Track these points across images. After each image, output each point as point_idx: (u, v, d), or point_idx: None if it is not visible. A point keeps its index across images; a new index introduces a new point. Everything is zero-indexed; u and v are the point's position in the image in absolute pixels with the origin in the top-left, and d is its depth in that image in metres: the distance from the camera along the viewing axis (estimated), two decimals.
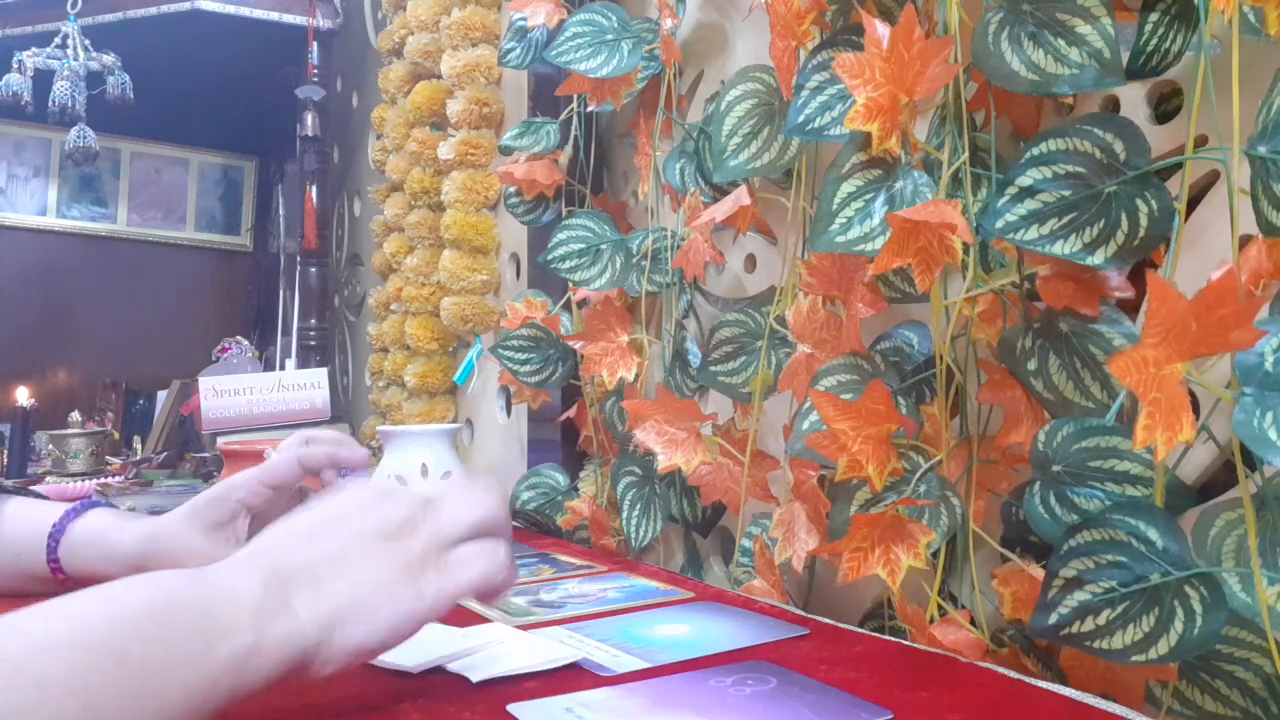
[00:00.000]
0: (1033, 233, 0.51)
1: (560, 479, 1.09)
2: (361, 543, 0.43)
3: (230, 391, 1.32)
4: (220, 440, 1.10)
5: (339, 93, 2.25)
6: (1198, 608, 0.42)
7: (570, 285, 1.01)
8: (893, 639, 0.57)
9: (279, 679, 0.40)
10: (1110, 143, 0.49)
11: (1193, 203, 0.52)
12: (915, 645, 0.55)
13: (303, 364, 2.14)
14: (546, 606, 0.66)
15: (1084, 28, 0.50)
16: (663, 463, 0.76)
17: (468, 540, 0.47)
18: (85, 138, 2.15)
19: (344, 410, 2.10)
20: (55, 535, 0.67)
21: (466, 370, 1.40)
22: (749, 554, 0.77)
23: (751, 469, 0.77)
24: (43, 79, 2.10)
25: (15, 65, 2.10)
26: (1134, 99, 0.58)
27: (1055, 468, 0.51)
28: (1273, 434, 0.38)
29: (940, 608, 0.57)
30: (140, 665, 0.34)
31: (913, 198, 0.55)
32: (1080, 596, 0.45)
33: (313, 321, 2.22)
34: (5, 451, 2.49)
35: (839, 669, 0.51)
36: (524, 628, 0.60)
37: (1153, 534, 0.44)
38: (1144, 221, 0.48)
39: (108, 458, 1.99)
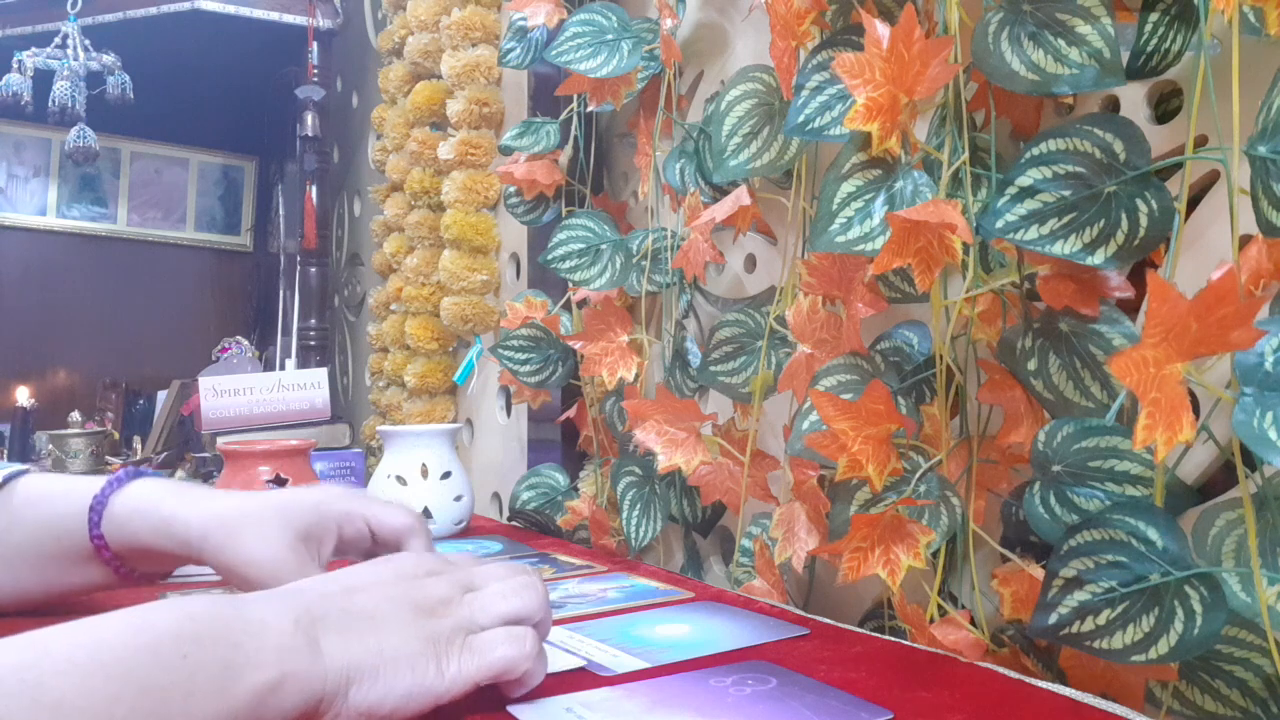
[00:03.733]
0: (1033, 233, 0.51)
1: (560, 479, 1.09)
2: (397, 610, 0.43)
3: (230, 391, 1.32)
4: (220, 440, 1.10)
5: (339, 93, 2.25)
6: (1198, 608, 0.42)
7: (570, 285, 1.01)
8: (893, 639, 0.57)
9: None
10: (1110, 143, 0.49)
11: (1193, 203, 0.52)
12: (915, 645, 0.55)
13: (303, 364, 2.14)
14: None
15: (1084, 28, 0.50)
16: (663, 463, 0.76)
17: (499, 626, 0.46)
18: (85, 138, 2.15)
19: (344, 410, 2.10)
20: (97, 507, 0.58)
21: (466, 370, 1.40)
22: (749, 554, 0.77)
23: (751, 469, 0.77)
24: (43, 79, 2.10)
25: (15, 65, 2.10)
26: (1134, 99, 0.58)
27: (1055, 468, 0.51)
28: (1273, 434, 0.38)
29: (940, 608, 0.57)
30: (163, 696, 0.34)
31: (913, 198, 0.55)
32: (1080, 596, 0.45)
33: (313, 321, 2.22)
34: (5, 451, 2.49)
35: (839, 669, 0.51)
36: None
37: (1153, 534, 0.44)
38: (1144, 221, 0.48)
39: (108, 458, 1.99)
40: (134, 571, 0.61)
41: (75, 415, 2.37)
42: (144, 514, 0.58)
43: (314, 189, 2.19)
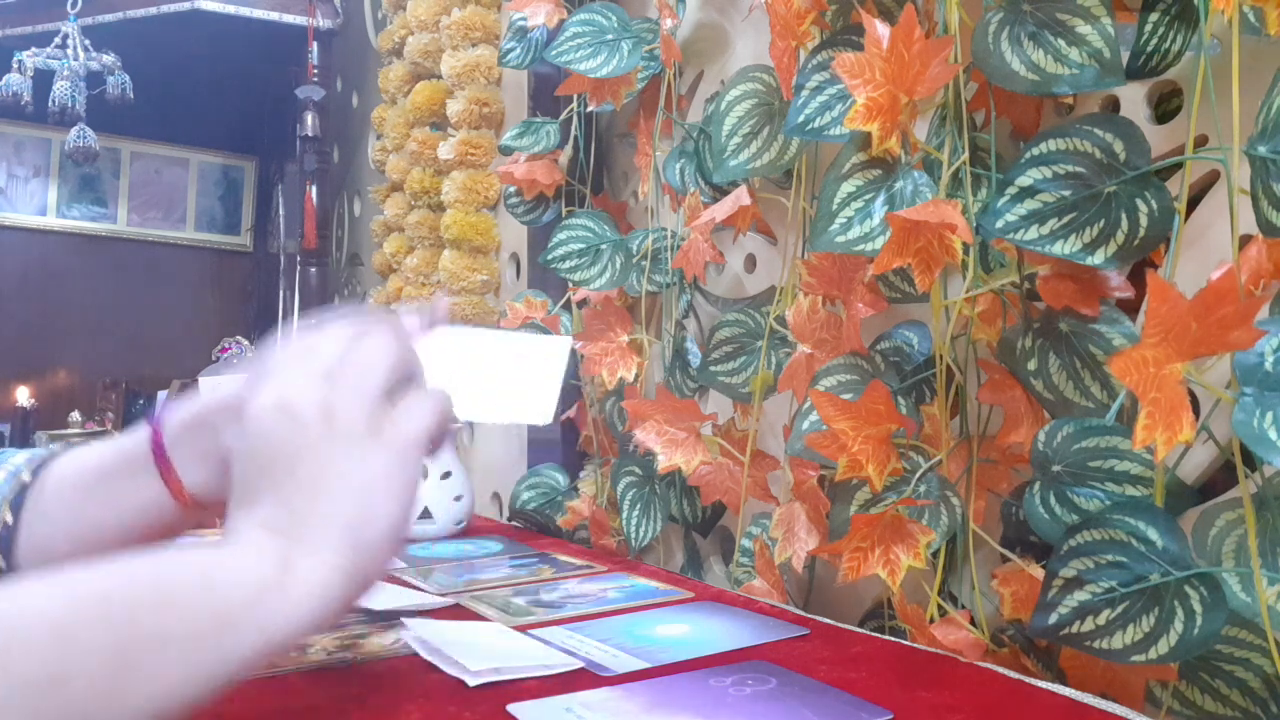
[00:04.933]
0: (1033, 233, 0.51)
1: (560, 479, 1.08)
2: (349, 460, 0.39)
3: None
4: None
5: (339, 93, 2.25)
6: (1198, 608, 0.42)
7: (570, 285, 1.01)
8: (893, 639, 0.57)
9: (335, 614, 0.37)
10: (1110, 143, 0.49)
11: (1193, 203, 0.52)
12: (915, 645, 0.55)
13: None
14: (546, 606, 0.66)
15: (1084, 28, 0.50)
16: (663, 463, 0.76)
17: (395, 387, 0.42)
18: (85, 138, 2.15)
19: None
20: (161, 413, 0.58)
21: None
22: (749, 554, 0.77)
23: (751, 469, 0.77)
24: (43, 79, 2.11)
25: (15, 65, 2.10)
26: (1134, 99, 0.58)
27: (1055, 468, 0.51)
28: (1273, 434, 0.38)
29: (940, 608, 0.57)
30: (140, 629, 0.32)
31: (913, 198, 0.55)
32: (1080, 596, 0.45)
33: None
34: None
35: (839, 669, 0.51)
36: (524, 628, 0.60)
37: (1153, 534, 0.44)
38: (1144, 221, 0.48)
39: None
40: (184, 488, 0.57)
41: (75, 415, 2.38)
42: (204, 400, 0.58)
43: (314, 189, 2.19)
